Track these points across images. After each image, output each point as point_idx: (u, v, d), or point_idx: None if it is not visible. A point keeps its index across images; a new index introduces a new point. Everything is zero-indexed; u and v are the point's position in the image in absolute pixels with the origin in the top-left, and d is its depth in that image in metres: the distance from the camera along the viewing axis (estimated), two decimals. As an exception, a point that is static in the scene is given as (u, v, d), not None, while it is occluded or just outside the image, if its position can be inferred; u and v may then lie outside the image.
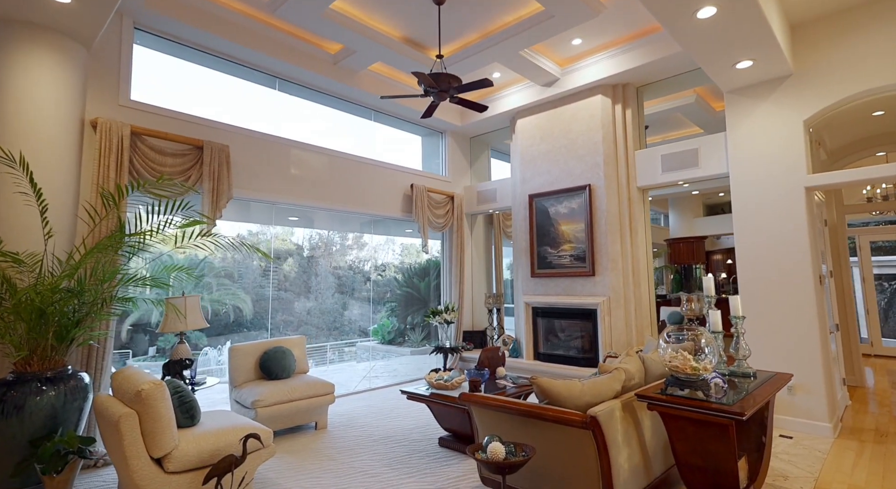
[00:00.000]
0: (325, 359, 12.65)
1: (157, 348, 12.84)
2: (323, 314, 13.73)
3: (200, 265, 14.33)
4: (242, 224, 12.49)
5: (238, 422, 3.19)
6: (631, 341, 5.23)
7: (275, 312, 14.29)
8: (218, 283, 13.90)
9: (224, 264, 14.15)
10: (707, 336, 2.64)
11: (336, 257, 14.29)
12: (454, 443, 3.85)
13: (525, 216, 6.39)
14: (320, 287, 13.91)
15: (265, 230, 14.90)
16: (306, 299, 13.83)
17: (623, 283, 5.38)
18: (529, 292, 6.15)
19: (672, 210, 9.77)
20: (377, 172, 6.61)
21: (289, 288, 14.01)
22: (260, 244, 15.18)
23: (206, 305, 13.48)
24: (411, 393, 3.91)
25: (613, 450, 2.48)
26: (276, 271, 14.23)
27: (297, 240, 14.39)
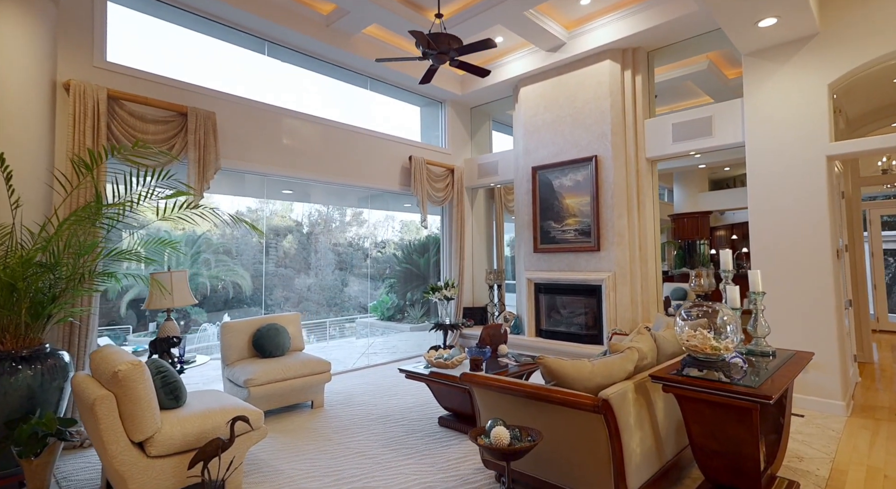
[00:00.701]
0: (325, 335, 12.60)
1: (157, 324, 12.72)
2: (323, 290, 13.66)
3: (198, 241, 14.18)
4: (240, 199, 12.25)
5: (227, 402, 3.01)
6: (636, 318, 5.04)
7: (274, 288, 14.20)
8: (216, 260, 13.73)
9: (223, 240, 14.00)
10: (728, 313, 2.42)
11: (336, 234, 14.15)
12: (454, 423, 3.69)
13: (528, 189, 6.12)
14: (320, 264, 13.80)
15: (263, 206, 14.71)
16: (306, 276, 13.76)
17: (629, 259, 5.15)
18: (532, 268, 5.93)
19: (677, 185, 9.48)
20: (374, 143, 6.30)
21: (289, 264, 13.92)
22: (258, 220, 15.00)
23: (205, 281, 13.34)
24: (410, 371, 3.73)
25: (626, 435, 2.29)
26: (275, 248, 14.13)
27: (297, 216, 14.23)
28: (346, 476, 2.95)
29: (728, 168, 9.69)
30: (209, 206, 12.61)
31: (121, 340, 11.58)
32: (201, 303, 13.13)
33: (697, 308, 2.54)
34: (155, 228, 13.40)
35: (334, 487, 2.82)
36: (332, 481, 2.90)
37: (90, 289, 3.57)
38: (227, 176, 6.54)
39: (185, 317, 12.84)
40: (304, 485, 2.86)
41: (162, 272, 3.97)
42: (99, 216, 3.45)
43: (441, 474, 2.95)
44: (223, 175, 6.50)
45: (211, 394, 3.21)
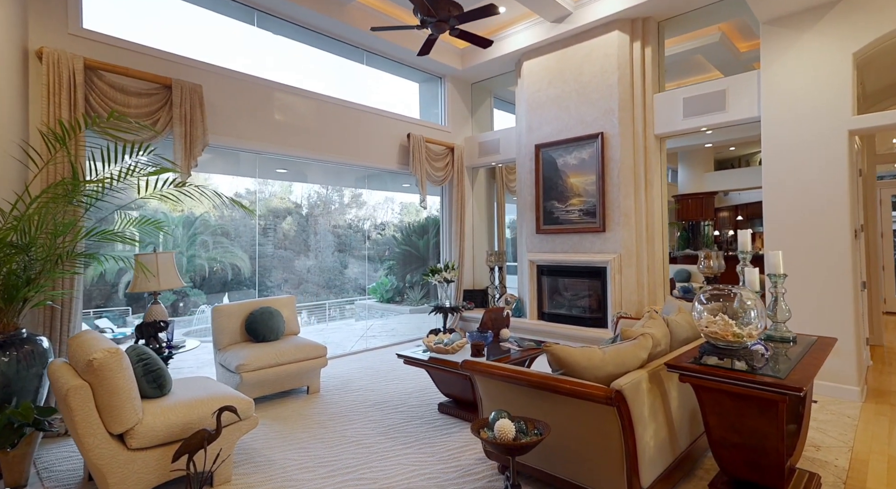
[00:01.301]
0: (324, 317, 12.50)
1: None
2: (323, 272, 13.53)
3: (195, 223, 13.96)
4: (239, 180, 12.02)
5: (215, 391, 2.83)
6: (642, 301, 4.86)
7: (273, 270, 14.04)
8: (214, 241, 13.52)
9: (221, 222, 13.80)
10: (752, 298, 2.22)
11: (335, 216, 13.97)
12: (455, 410, 3.53)
13: (531, 168, 5.87)
14: (320, 245, 13.66)
15: (262, 188, 14.47)
16: (306, 258, 13.63)
17: (636, 240, 4.94)
18: (534, 249, 5.73)
19: (682, 164, 9.21)
20: (371, 120, 6.02)
21: (288, 246, 13.77)
22: (257, 202, 14.77)
23: (203, 263, 13.15)
24: (409, 357, 3.56)
25: (639, 427, 2.11)
26: (275, 230, 13.98)
27: (296, 198, 14.04)
28: (341, 466, 2.79)
29: (733, 147, 9.41)
30: (207, 186, 12.27)
31: (120, 322, 11.44)
32: (200, 285, 12.98)
33: (718, 292, 2.34)
34: (152, 209, 13.19)
35: (329, 479, 2.66)
36: (326, 472, 2.74)
37: (70, 272, 3.37)
38: (221, 155, 6.29)
39: (183, 299, 12.70)
40: (297, 476, 2.70)
41: (146, 254, 3.76)
42: (76, 193, 3.22)
43: (441, 464, 2.79)
44: (217, 154, 6.24)
45: (198, 382, 3.03)
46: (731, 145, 9.10)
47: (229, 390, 2.89)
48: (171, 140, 4.32)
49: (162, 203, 13.52)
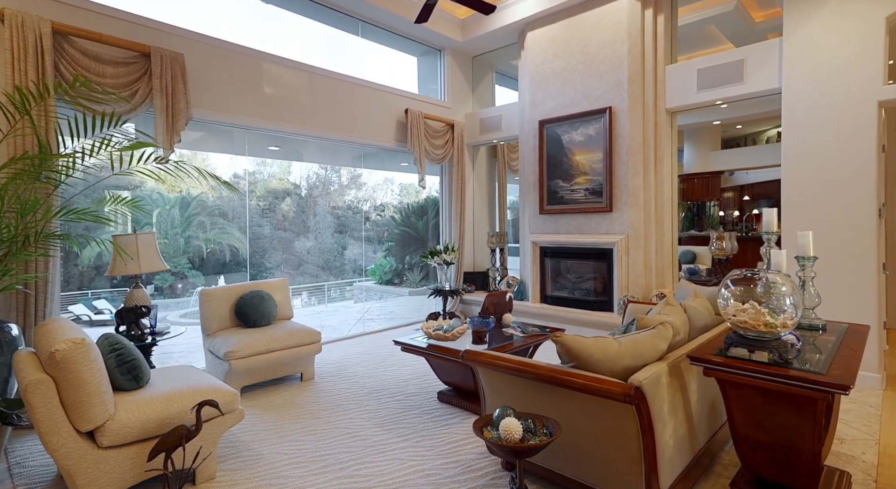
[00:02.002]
0: (323, 299, 12.33)
1: (154, 287, 12.43)
2: (322, 253, 13.37)
3: (192, 203, 13.65)
4: (237, 160, 11.68)
5: (197, 382, 2.61)
6: (650, 284, 4.62)
7: (273, 252, 13.85)
8: (212, 222, 13.27)
9: (218, 203, 13.59)
10: (788, 284, 1.97)
11: (334, 197, 13.80)
12: (455, 399, 3.32)
13: (534, 146, 5.56)
14: (319, 227, 13.50)
15: (261, 169, 14.13)
16: (305, 239, 13.49)
17: (644, 220, 4.68)
18: (537, 231, 5.47)
19: (688, 143, 8.88)
20: (366, 95, 5.68)
21: (288, 227, 13.62)
22: (256, 183, 14.50)
23: (201, 244, 12.92)
24: (406, 344, 3.33)
25: (659, 426, 1.89)
26: (273, 211, 13.80)
27: (295, 179, 13.83)
28: (334, 462, 2.59)
29: (740, 125, 9.06)
30: (205, 167, 11.82)
31: (116, 303, 11.27)
32: (199, 267, 12.77)
33: (747, 277, 2.09)
34: (149, 189, 12.86)
35: (320, 475, 2.46)
36: (318, 468, 2.54)
37: (41, 253, 3.11)
38: (215, 132, 5.96)
39: (181, 280, 12.50)
40: (287, 472, 2.50)
41: (125, 234, 3.50)
42: (43, 168, 2.94)
43: (441, 459, 2.59)
44: (211, 131, 5.91)
45: (180, 372, 2.81)
46: (739, 123, 8.75)
47: (213, 381, 2.66)
48: (151, 114, 4.02)
49: (159, 183, 13.22)
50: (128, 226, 11.88)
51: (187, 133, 6.97)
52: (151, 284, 12.46)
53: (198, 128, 5.77)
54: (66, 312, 10.21)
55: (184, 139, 7.66)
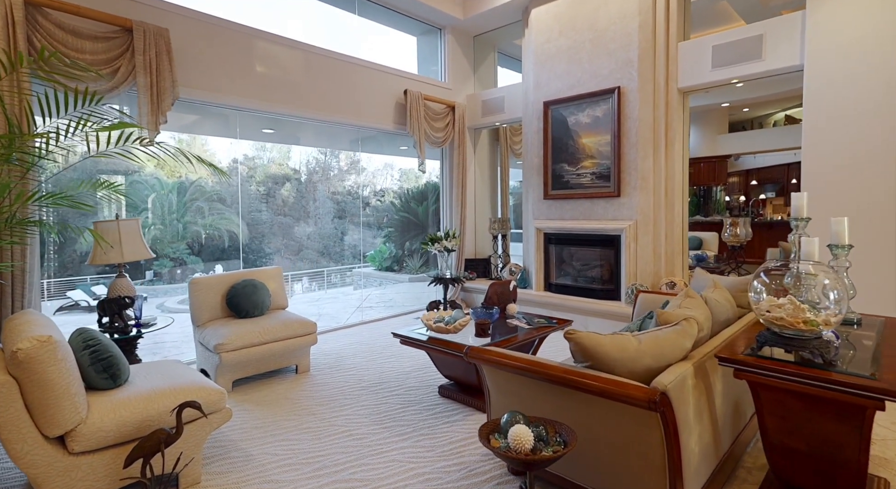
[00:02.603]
0: (323, 284, 12.19)
1: (153, 272, 12.24)
2: (322, 239, 13.25)
3: (190, 188, 13.40)
4: (237, 145, 11.48)
5: (181, 379, 2.40)
6: (659, 271, 4.40)
7: (273, 237, 13.68)
8: (210, 208, 13.06)
9: (217, 188, 13.42)
10: (831, 277, 1.75)
11: (334, 182, 13.65)
12: (457, 393, 3.13)
13: (538, 128, 5.29)
14: (319, 212, 13.37)
15: (261, 154, 13.88)
16: (305, 224, 13.39)
17: (653, 205, 4.44)
18: (541, 216, 5.23)
19: (694, 126, 8.57)
20: (364, 75, 5.39)
21: (287, 213, 13.49)
22: (256, 169, 14.26)
23: (199, 230, 12.70)
24: (406, 337, 3.12)
25: (684, 433, 1.69)
26: (273, 196, 13.70)
27: (295, 164, 13.33)
28: (328, 464, 2.40)
29: (747, 108, 8.74)
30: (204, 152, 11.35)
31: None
32: (198, 252, 12.58)
33: (782, 269, 1.86)
34: (148, 174, 12.56)
35: (313, 479, 2.27)
36: (312, 471, 2.35)
37: (17, 241, 2.88)
38: (211, 116, 5.69)
39: (180, 266, 12.31)
40: (277, 476, 2.31)
41: (106, 221, 3.26)
42: (15, 149, 2.69)
43: (442, 461, 2.40)
44: (206, 114, 5.65)
45: (164, 368, 2.60)
46: (747, 106, 8.44)
47: (198, 378, 2.46)
48: (136, 93, 3.75)
49: (157, 168, 12.93)
50: (122, 211, 11.61)
51: (182, 116, 6.69)
52: (151, 270, 12.30)
53: (194, 110, 5.50)
54: (64, 298, 10.02)
55: (179, 122, 7.37)
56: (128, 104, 4.37)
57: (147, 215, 11.99)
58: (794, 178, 7.89)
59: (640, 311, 3.13)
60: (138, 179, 12.03)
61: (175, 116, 6.41)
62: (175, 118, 6.50)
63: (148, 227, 12.25)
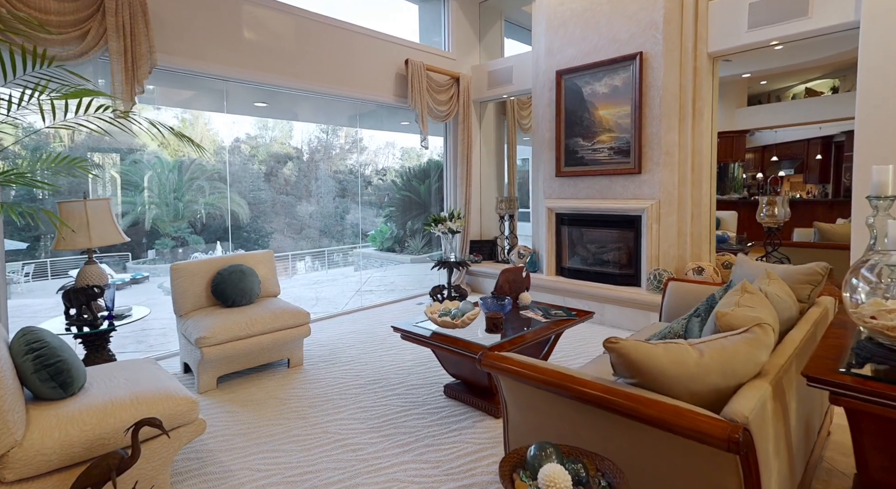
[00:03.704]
0: (324, 264, 11.91)
1: (155, 251, 11.90)
2: (324, 218, 13.01)
3: (191, 167, 13.01)
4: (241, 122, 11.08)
5: (146, 386, 2.01)
6: (684, 255, 3.96)
7: (275, 216, 13.37)
8: (211, 186, 12.70)
9: (219, 166, 13.13)
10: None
11: (336, 161, 13.37)
12: (465, 394, 2.74)
13: (550, 100, 4.77)
14: (321, 191, 13.13)
15: (264, 133, 13.48)
16: (308, 203, 13.15)
17: (678, 182, 3.96)
18: (553, 195, 4.76)
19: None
20: (362, 43, 4.85)
21: (290, 191, 13.27)
22: (258, 148, 13.87)
23: (200, 209, 12.33)
24: (407, 332, 2.71)
25: (765, 475, 1.28)
26: (275, 175, 13.51)
27: (297, 143, 12.80)
28: (318, 483, 2.03)
29: (765, 81, 8.12)
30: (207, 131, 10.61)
31: (120, 268, 10.79)
32: (199, 231, 12.25)
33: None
34: (150, 153, 12.09)
35: (300, 503, 1.90)
36: (298, 490, 1.97)
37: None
38: (197, 87, 5.17)
39: (182, 245, 11.96)
40: (258, 499, 1.94)
41: (72, 201, 2.82)
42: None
43: (451, 482, 2.02)
44: (203, 89, 5.14)
45: (131, 370, 2.20)
46: (765, 78, 7.83)
47: (167, 385, 2.06)
48: (108, 60, 3.29)
49: (163, 148, 12.47)
50: (117, 190, 11.12)
51: (178, 92, 6.17)
52: (153, 248, 11.97)
53: (181, 83, 5.00)
54: (67, 278, 9.74)
55: (176, 98, 6.82)
56: (105, 76, 3.88)
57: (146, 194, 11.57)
58: (819, 154, 7.36)
59: (675, 304, 2.71)
60: (139, 158, 11.57)
61: (174, 92, 5.90)
62: (173, 94, 5.99)
63: (147, 205, 11.87)
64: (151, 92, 9.35)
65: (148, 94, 3.97)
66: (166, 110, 11.65)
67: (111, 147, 10.88)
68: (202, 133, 13.18)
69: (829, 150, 7.27)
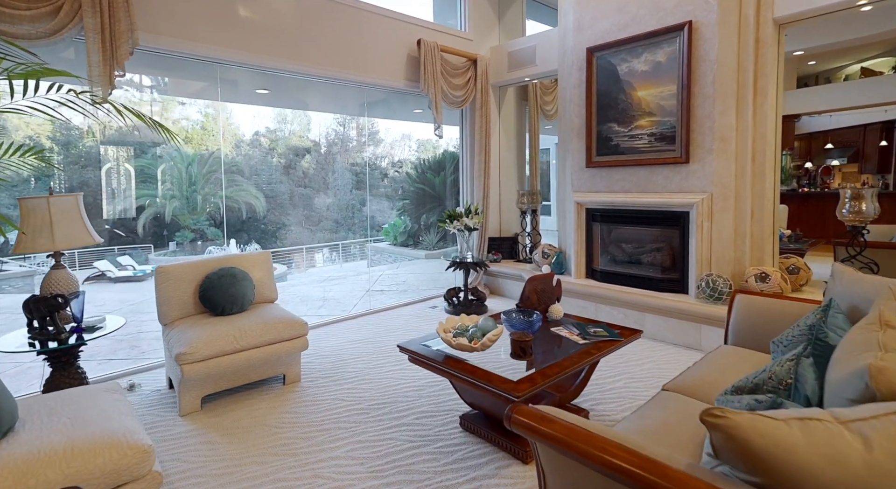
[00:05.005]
0: (338, 257, 11.69)
1: (176, 243, 11.79)
2: (340, 210, 12.89)
3: (209, 160, 12.88)
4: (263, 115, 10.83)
5: (93, 428, 1.60)
6: (742, 258, 3.37)
7: (293, 209, 13.22)
8: (229, 180, 12.60)
9: (238, 159, 13.12)
10: None
11: (352, 153, 13.29)
12: (484, 429, 2.25)
13: (580, 80, 4.18)
14: (337, 183, 13.07)
15: (282, 126, 13.36)
16: (325, 196, 13.10)
17: (736, 173, 3.36)
18: (583, 188, 4.19)
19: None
20: (369, 22, 4.34)
21: (308, 184, 13.26)
22: (277, 141, 13.75)
23: (218, 202, 12.19)
24: (417, 355, 2.23)
25: None
26: (294, 168, 13.52)
27: (315, 136, 12.74)
28: (299, 556, 1.57)
29: (813, 61, 7.30)
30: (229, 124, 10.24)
31: (142, 260, 10.69)
32: (218, 224, 12.12)
33: None
34: (172, 146, 11.95)
35: None
36: (274, 566, 1.52)
37: None
38: (189, 72, 4.76)
39: (201, 238, 11.81)
40: None
41: (34, 197, 2.41)
42: None
43: (466, 559, 1.53)
44: (182, 70, 4.71)
45: (83, 403, 1.79)
46: (813, 58, 7.02)
47: (115, 427, 1.63)
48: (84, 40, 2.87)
49: (188, 142, 12.32)
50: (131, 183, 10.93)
51: (189, 83, 5.77)
52: (174, 241, 11.87)
53: (203, 74, 4.58)
54: (91, 268, 9.68)
55: (189, 88, 6.43)
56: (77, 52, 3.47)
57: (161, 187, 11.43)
58: (885, 140, 6.54)
59: (746, 323, 2.16)
60: (160, 152, 11.46)
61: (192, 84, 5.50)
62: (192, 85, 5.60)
63: (168, 198, 11.76)
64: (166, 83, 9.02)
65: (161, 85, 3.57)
66: (191, 104, 11.44)
67: (134, 141, 10.81)
68: (224, 127, 13.07)
69: (891, 137, 6.44)
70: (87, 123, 9.75)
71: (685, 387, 1.83)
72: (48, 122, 10.42)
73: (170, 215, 11.28)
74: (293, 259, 10.99)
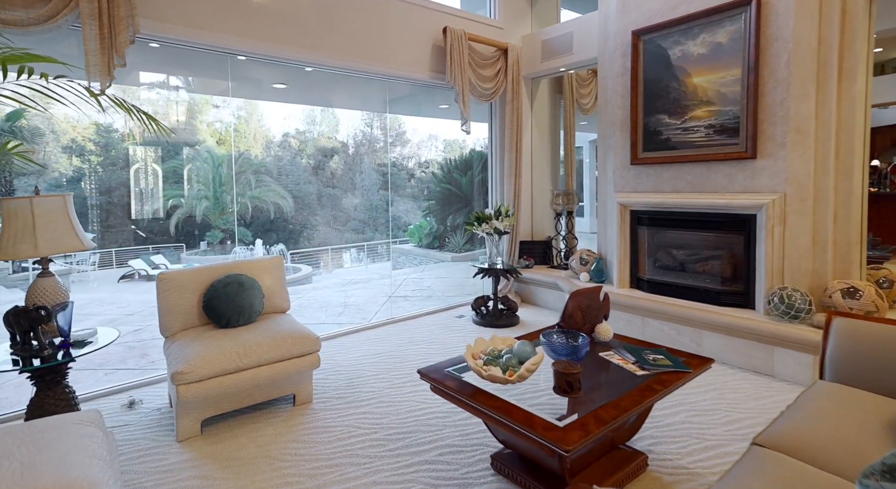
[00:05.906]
0: (364, 258, 11.55)
1: (207, 242, 11.92)
2: (368, 210, 12.89)
3: (239, 160, 13.02)
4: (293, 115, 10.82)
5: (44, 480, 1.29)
6: (822, 269, 2.85)
7: (319, 209, 13.27)
8: (258, 180, 12.73)
9: (268, 159, 13.37)
10: None
11: (380, 154, 13.20)
12: (521, 474, 1.87)
13: (624, 68, 3.74)
14: (364, 184, 13.13)
15: (311, 128, 13.56)
16: (352, 196, 13.21)
17: (814, 170, 2.86)
18: (627, 188, 3.74)
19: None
20: (391, 8, 4.02)
21: (336, 184, 12.92)
22: (307, 142, 13.88)
23: (246, 202, 12.30)
24: (440, 385, 1.86)
25: None
26: (322, 168, 13.05)
27: (343, 137, 13.14)
28: None
29: (880, 48, 6.56)
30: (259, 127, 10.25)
31: (174, 259, 10.85)
32: (246, 225, 12.20)
33: None
34: (205, 148, 12.17)
35: None
36: None
37: None
38: (198, 64, 4.54)
39: (230, 238, 11.88)
40: None
41: (16, 198, 2.17)
42: None
43: None
44: (191, 62, 4.50)
45: (42, 443, 1.50)
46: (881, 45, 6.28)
47: (78, 475, 1.33)
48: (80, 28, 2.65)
49: (221, 144, 12.47)
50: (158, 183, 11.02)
51: (207, 81, 5.59)
52: (204, 240, 12.02)
53: (240, 74, 4.36)
54: (125, 267, 9.89)
55: (206, 86, 6.26)
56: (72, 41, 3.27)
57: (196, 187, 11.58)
58: None
59: (849, 354, 1.71)
60: (196, 154, 11.63)
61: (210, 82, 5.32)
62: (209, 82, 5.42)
63: (199, 199, 11.90)
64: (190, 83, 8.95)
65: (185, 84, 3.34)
66: (224, 106, 11.47)
67: (173, 142, 11.00)
68: (255, 129, 13.23)
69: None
70: (129, 126, 9.87)
71: (787, 444, 1.40)
72: (91, 126, 10.64)
73: (200, 215, 11.41)
74: (320, 259, 10.89)
